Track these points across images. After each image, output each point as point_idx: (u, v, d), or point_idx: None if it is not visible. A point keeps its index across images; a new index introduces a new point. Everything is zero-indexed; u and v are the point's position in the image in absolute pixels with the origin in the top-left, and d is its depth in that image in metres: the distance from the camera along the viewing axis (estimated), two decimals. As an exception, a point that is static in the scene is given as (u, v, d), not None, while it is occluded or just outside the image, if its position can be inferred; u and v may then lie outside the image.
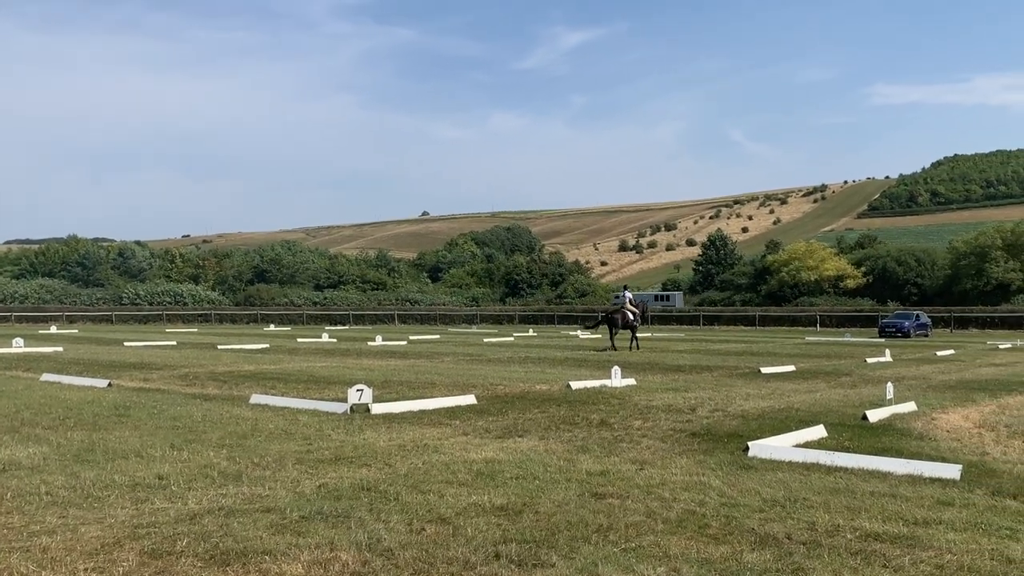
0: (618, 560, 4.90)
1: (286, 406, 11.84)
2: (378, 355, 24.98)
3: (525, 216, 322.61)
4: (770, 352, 27.47)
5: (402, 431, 9.62)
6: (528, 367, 20.05)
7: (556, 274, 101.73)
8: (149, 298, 76.65)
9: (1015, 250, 65.59)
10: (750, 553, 5.04)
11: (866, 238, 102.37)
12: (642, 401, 12.76)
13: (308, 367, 19.82)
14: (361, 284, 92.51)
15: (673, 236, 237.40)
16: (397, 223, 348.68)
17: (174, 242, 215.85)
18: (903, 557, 4.98)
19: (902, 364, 22.04)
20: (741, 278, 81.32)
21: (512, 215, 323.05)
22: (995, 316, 56.38)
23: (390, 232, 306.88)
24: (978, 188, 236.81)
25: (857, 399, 13.33)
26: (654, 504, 6.21)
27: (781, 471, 7.44)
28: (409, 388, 14.66)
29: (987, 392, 14.54)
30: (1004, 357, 25.77)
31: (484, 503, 6.19)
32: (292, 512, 5.88)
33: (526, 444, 8.82)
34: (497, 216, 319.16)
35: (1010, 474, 7.40)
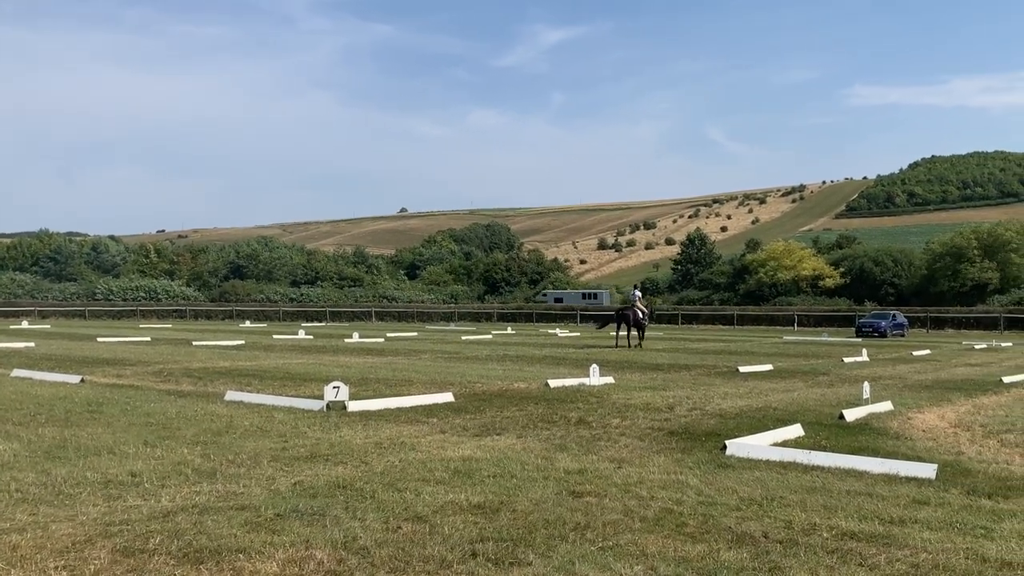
0: (595, 558, 4.88)
1: (261, 403, 11.75)
2: (355, 352, 24.87)
3: (504, 214, 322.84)
4: (748, 351, 27.61)
5: (379, 429, 9.57)
6: (506, 365, 20.03)
7: (535, 272, 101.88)
8: (123, 293, 75.87)
9: (991, 251, 66.28)
10: (727, 551, 5.05)
11: (844, 238, 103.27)
12: (620, 399, 12.77)
13: (284, 364, 19.70)
14: (338, 281, 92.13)
15: (652, 235, 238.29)
16: (375, 220, 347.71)
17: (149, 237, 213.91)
18: (879, 556, 5.00)
19: (879, 364, 22.21)
20: (720, 277, 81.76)
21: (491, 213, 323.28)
22: (971, 317, 56.95)
23: (368, 229, 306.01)
24: (955, 189, 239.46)
25: (834, 398, 13.40)
26: (632, 503, 6.20)
27: (758, 470, 7.46)
28: (386, 386, 14.59)
29: (963, 392, 14.68)
30: (979, 357, 26.04)
31: (461, 501, 6.16)
32: (267, 510, 5.83)
33: (504, 442, 8.80)
34: (476, 213, 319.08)
35: (985, 473, 7.46)
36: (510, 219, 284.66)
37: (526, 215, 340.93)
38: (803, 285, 72.29)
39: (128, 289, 77.06)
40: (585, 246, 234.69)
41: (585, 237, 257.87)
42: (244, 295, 78.68)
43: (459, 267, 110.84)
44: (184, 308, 71.75)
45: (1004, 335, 47.95)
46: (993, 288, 64.11)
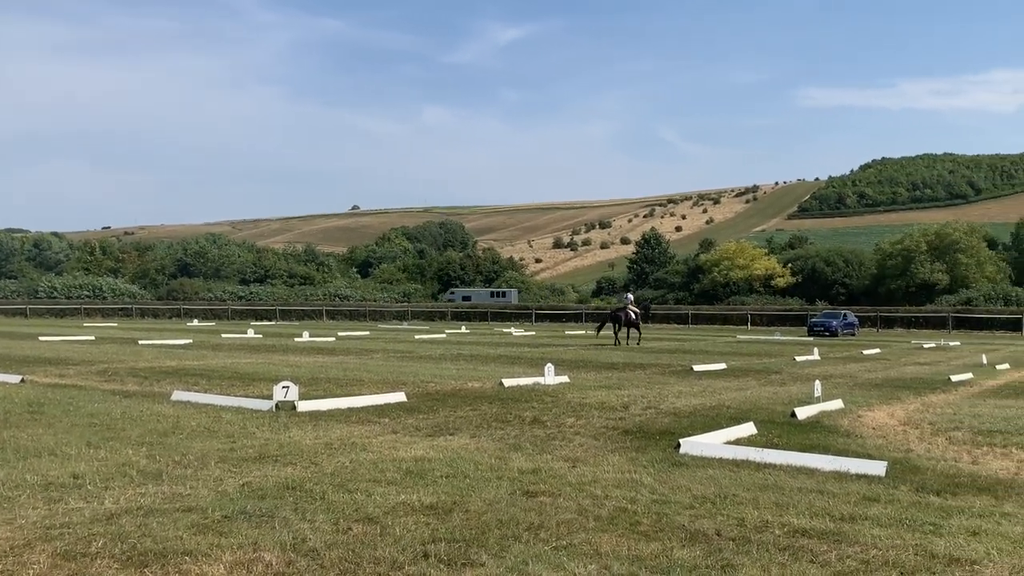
0: (549, 558, 4.85)
1: (209, 403, 11.55)
2: (305, 352, 24.60)
3: (458, 212, 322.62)
4: (702, 350, 27.87)
5: (329, 429, 9.45)
6: (460, 364, 19.95)
7: (490, 271, 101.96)
8: (66, 291, 74.18)
9: (939, 252, 67.78)
10: (680, 550, 5.04)
11: (796, 239, 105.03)
12: (575, 399, 12.77)
13: (232, 363, 19.40)
14: (288, 279, 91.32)
15: (608, 234, 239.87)
16: (326, 217, 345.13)
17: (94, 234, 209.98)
18: (830, 552, 5.03)
19: (830, 362, 22.55)
20: (675, 277, 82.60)
21: (445, 210, 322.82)
22: (920, 316, 58.15)
23: (319, 226, 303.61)
24: (904, 191, 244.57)
25: (786, 397, 13.55)
26: (586, 502, 6.18)
27: (712, 468, 7.49)
28: (337, 385, 14.43)
29: (911, 390, 14.95)
30: (928, 356, 26.59)
31: (413, 502, 6.09)
32: (214, 512, 5.72)
33: (457, 442, 8.73)
34: (430, 211, 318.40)
35: (933, 470, 7.57)
36: (464, 217, 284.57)
37: (481, 213, 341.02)
38: (756, 285, 73.34)
39: (72, 287, 75.39)
40: (540, 245, 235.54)
41: (540, 236, 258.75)
42: (192, 293, 77.50)
43: (412, 265, 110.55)
44: (130, 306, 70.38)
45: (952, 334, 49.07)
46: (942, 288, 65.58)
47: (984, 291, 62.70)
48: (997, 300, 59.94)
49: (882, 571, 4.73)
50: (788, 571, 4.70)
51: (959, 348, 32.31)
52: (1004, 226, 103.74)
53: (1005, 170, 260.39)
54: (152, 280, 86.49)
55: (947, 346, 33.80)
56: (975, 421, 10.76)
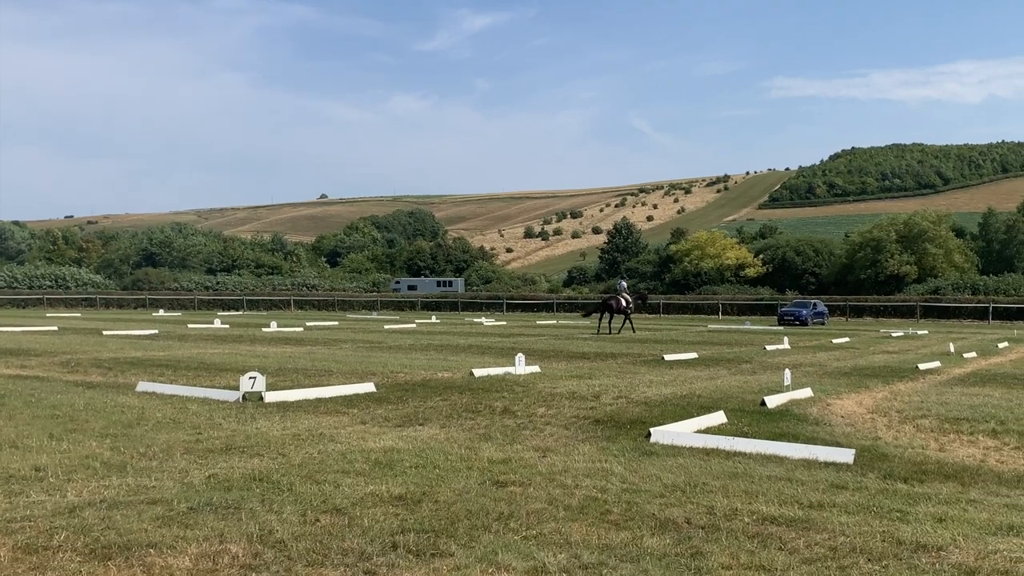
0: (518, 547, 4.83)
1: (175, 394, 11.42)
2: (273, 342, 24.40)
3: (428, 201, 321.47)
4: (674, 340, 27.97)
5: (297, 420, 9.37)
6: (430, 354, 19.87)
7: (461, 260, 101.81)
8: (28, 281, 72.93)
9: (908, 242, 68.52)
10: (650, 538, 5.05)
11: (766, 228, 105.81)
12: (546, 388, 12.76)
13: (199, 354, 19.19)
14: (256, 268, 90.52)
15: (579, 224, 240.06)
16: (294, 206, 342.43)
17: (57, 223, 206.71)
18: (798, 540, 5.06)
19: (799, 351, 22.71)
20: (646, 266, 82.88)
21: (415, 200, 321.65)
22: (888, 305, 58.74)
23: (287, 215, 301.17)
24: (874, 181, 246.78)
25: (756, 385, 13.63)
26: (556, 491, 6.17)
27: (682, 456, 7.52)
28: (305, 376, 14.33)
29: (880, 379, 15.09)
30: (896, 345, 26.84)
31: (382, 493, 6.05)
32: (179, 504, 5.65)
33: (426, 432, 8.69)
34: (399, 200, 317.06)
35: (901, 458, 7.65)
36: (434, 206, 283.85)
37: (451, 202, 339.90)
38: (727, 274, 73.73)
39: (34, 277, 74.14)
40: (511, 234, 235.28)
41: (511, 225, 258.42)
42: (158, 283, 76.60)
43: (382, 255, 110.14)
44: (94, 296, 69.43)
45: (920, 323, 49.66)
46: (910, 278, 66.30)
47: (952, 280, 63.45)
48: (965, 289, 60.68)
49: (850, 558, 4.75)
50: (757, 558, 4.71)
51: (927, 337, 32.65)
52: (972, 215, 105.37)
53: (973, 160, 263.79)
54: (116, 270, 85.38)
55: (915, 335, 34.13)
56: (942, 409, 10.89)
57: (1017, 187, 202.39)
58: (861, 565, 4.64)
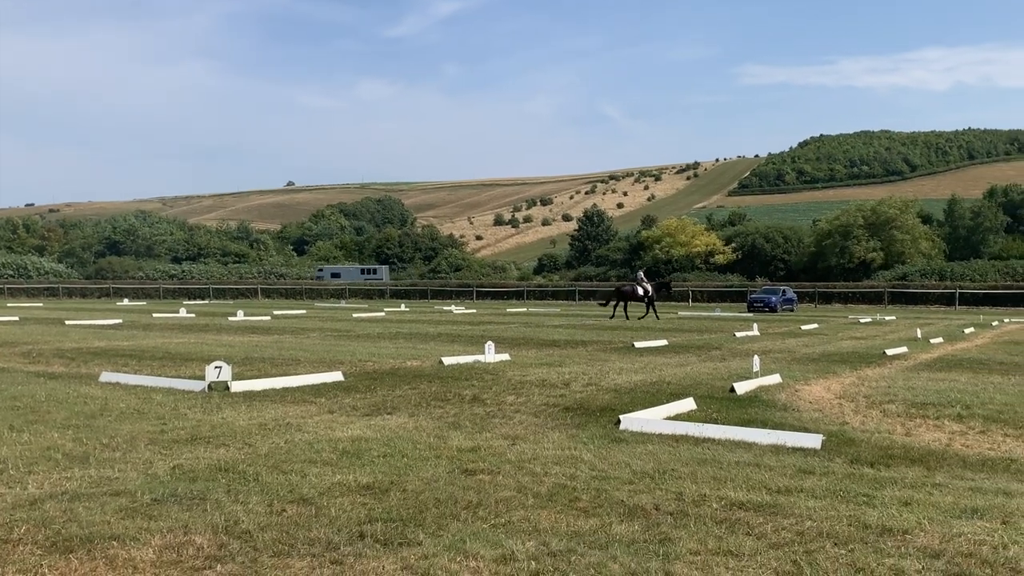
0: (487, 536, 4.81)
1: (139, 384, 11.27)
2: (239, 331, 24.17)
3: (397, 188, 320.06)
4: (644, 326, 28.03)
5: (263, 409, 9.27)
6: (399, 343, 19.79)
7: (429, 248, 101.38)
8: (-11, 271, 71.85)
9: (875, 229, 69.28)
10: (619, 525, 5.05)
11: (736, 215, 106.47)
12: (516, 376, 12.74)
13: (164, 343, 18.97)
14: (222, 257, 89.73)
15: (549, 211, 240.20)
16: (261, 193, 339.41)
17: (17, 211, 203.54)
18: (766, 525, 5.08)
19: (769, 338, 22.88)
20: (616, 253, 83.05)
21: (383, 187, 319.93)
22: (857, 291, 59.49)
23: (253, 203, 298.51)
24: (842, 168, 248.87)
25: (726, 372, 13.70)
26: (525, 479, 6.15)
27: (651, 443, 7.53)
28: (272, 365, 14.20)
29: (848, 364, 15.24)
30: (864, 331, 27.13)
31: (349, 482, 6.00)
32: (143, 495, 5.57)
33: (395, 421, 8.64)
34: (367, 187, 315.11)
35: (868, 443, 7.72)
36: (403, 194, 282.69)
37: (420, 190, 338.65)
38: (697, 261, 74.18)
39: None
40: (481, 222, 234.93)
41: (481, 213, 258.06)
42: (122, 272, 75.73)
43: (350, 243, 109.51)
44: (56, 286, 68.46)
45: (888, 309, 50.34)
46: (878, 264, 67.07)
47: (919, 267, 64.34)
48: (932, 275, 61.53)
49: (816, 542, 4.78)
50: (724, 544, 4.73)
51: (894, 322, 33.05)
52: (938, 202, 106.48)
53: (940, 147, 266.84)
54: (79, 259, 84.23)
55: (883, 321, 34.55)
56: (909, 394, 11.01)
57: (983, 174, 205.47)
58: (828, 549, 4.66)
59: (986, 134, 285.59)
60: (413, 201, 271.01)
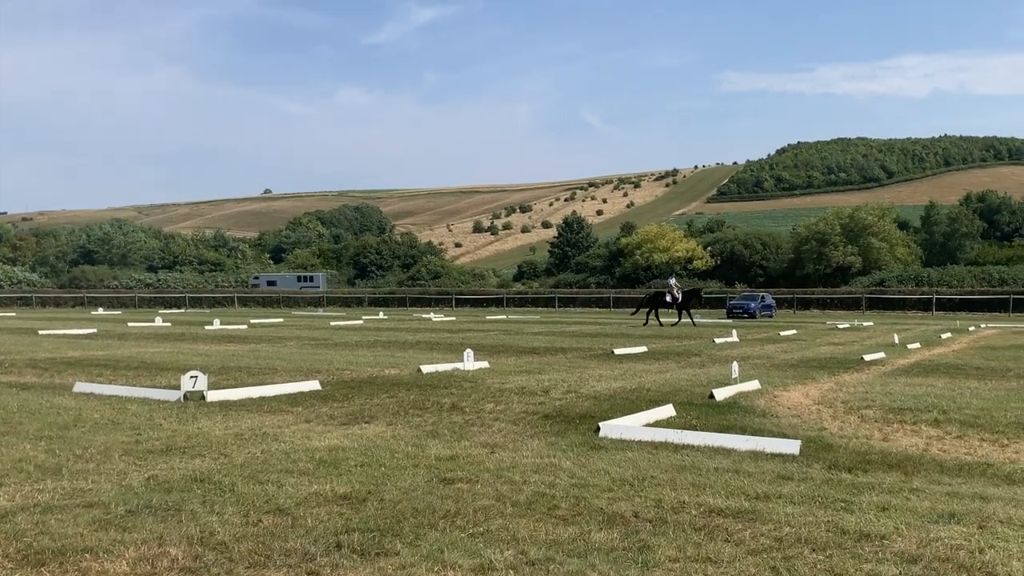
0: (465, 545, 4.78)
1: (114, 394, 11.14)
2: (215, 340, 23.99)
3: (375, 195, 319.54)
4: (624, 333, 28.08)
5: (240, 419, 9.19)
6: (377, 351, 19.70)
7: (408, 255, 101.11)
8: (-40, 280, 70.99)
9: (853, 235, 69.89)
10: (598, 532, 5.04)
11: (715, 222, 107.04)
12: (495, 384, 12.70)
13: (139, 353, 18.79)
14: (198, 265, 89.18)
15: (529, 218, 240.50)
16: (237, 201, 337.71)
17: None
18: (744, 531, 5.08)
19: (748, 344, 22.96)
20: (596, 260, 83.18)
21: (361, 194, 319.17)
22: (835, 297, 59.93)
23: (230, 211, 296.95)
24: (820, 175, 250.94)
25: (705, 378, 13.71)
26: (504, 487, 6.12)
27: (631, 450, 7.52)
28: (248, 374, 14.09)
29: (826, 370, 15.31)
30: (842, 336, 27.27)
31: (326, 492, 5.95)
32: (117, 506, 5.50)
33: (373, 430, 8.58)
34: (345, 195, 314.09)
35: (846, 448, 7.73)
36: (381, 201, 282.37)
37: (398, 197, 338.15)
38: (677, 268, 74.39)
39: (-35, 276, 72.16)
40: (460, 229, 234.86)
41: (460, 220, 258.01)
42: (96, 281, 75.10)
43: (328, 250, 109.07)
44: (30, 295, 67.72)
45: (866, 315, 50.67)
46: (856, 270, 67.63)
47: (896, 272, 64.94)
48: (909, 281, 62.10)
49: (795, 548, 4.78)
50: (703, 550, 4.72)
51: (872, 328, 33.25)
52: (915, 209, 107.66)
53: (916, 154, 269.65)
54: (53, 268, 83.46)
55: (861, 326, 34.75)
56: (886, 399, 11.07)
57: (959, 180, 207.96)
58: (806, 555, 4.67)
59: (962, 141, 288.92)
60: (392, 208, 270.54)
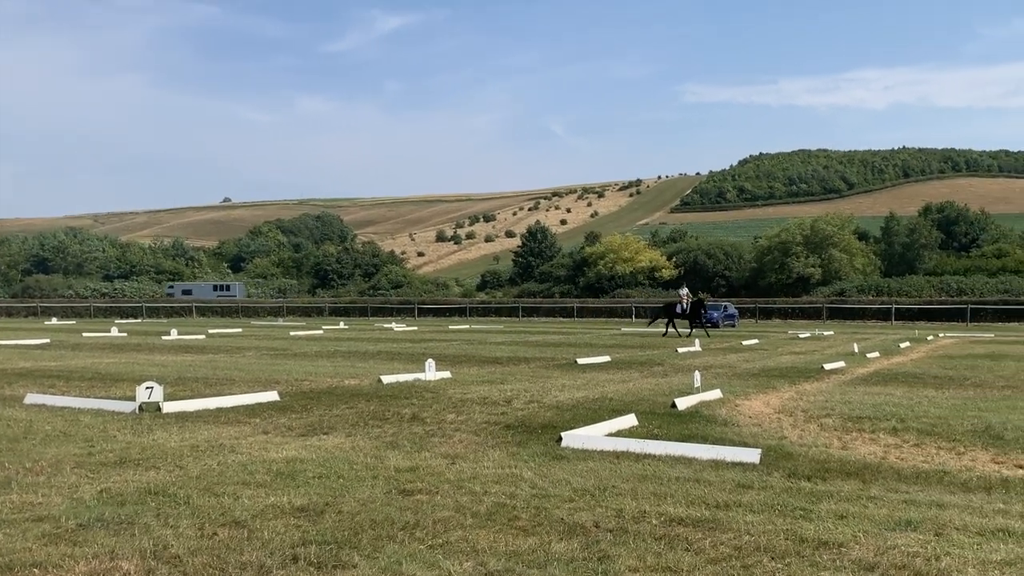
0: (424, 557, 4.74)
1: (67, 406, 10.93)
2: (173, 350, 23.64)
3: (337, 204, 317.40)
4: (587, 343, 28.10)
5: (196, 430, 9.05)
6: (337, 361, 19.54)
7: (370, 264, 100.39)
8: (-92, 289, 69.29)
9: (814, 246, 70.69)
10: (558, 543, 5.01)
11: (678, 232, 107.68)
12: (456, 394, 12.63)
13: (94, 363, 18.46)
14: (156, 275, 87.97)
15: (492, 227, 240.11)
16: (197, 210, 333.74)
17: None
18: (704, 540, 5.09)
19: (710, 353, 23.05)
20: (560, 270, 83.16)
21: (323, 203, 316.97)
22: (796, 307, 60.47)
23: (189, 219, 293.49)
24: (781, 186, 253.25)
25: (667, 388, 13.74)
26: (464, 498, 6.08)
27: (592, 460, 7.51)
28: (205, 385, 13.89)
29: (787, 379, 15.41)
30: (803, 346, 27.48)
31: (283, 504, 5.87)
32: (68, 520, 5.40)
33: (331, 441, 8.49)
34: (306, 204, 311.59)
35: (805, 456, 7.79)
36: (343, 210, 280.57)
37: (360, 206, 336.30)
38: (640, 277, 74.64)
39: (-86, 285, 70.48)
40: (423, 238, 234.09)
41: (423, 229, 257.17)
42: (50, 290, 73.71)
43: (288, 259, 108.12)
44: (-19, 305, 66.24)
45: (826, 324, 51.22)
46: (817, 280, 68.41)
47: (856, 283, 65.78)
48: (869, 291, 62.87)
49: (754, 556, 4.81)
50: (663, 560, 4.72)
51: (833, 337, 33.52)
52: (875, 219, 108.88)
53: (876, 165, 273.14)
54: (5, 276, 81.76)
55: (821, 336, 35.02)
56: (845, 408, 11.18)
57: (918, 191, 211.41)
58: (765, 563, 4.69)
59: (921, 153, 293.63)
60: (353, 217, 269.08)
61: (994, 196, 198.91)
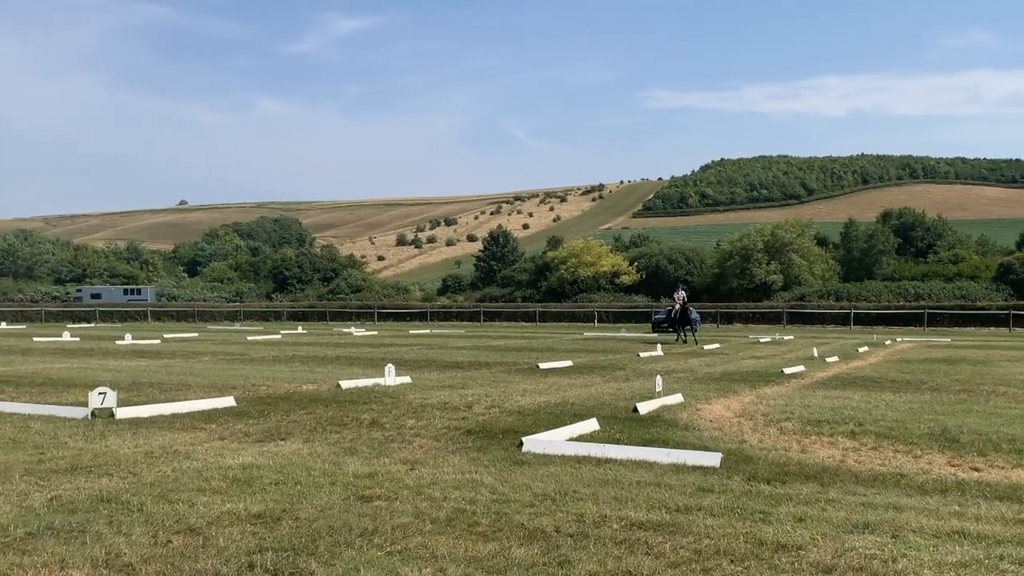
0: (382, 564, 4.69)
1: (15, 412, 10.69)
2: (127, 355, 23.23)
3: (295, 207, 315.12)
4: (549, 348, 28.07)
5: (150, 437, 8.88)
6: (295, 366, 19.33)
7: (329, 268, 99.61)
8: None
9: (774, 251, 71.46)
10: (518, 548, 4.99)
11: (640, 237, 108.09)
12: (417, 399, 12.54)
13: (44, 369, 18.07)
14: (110, 278, 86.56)
15: (453, 231, 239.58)
16: (152, 212, 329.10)
17: None
18: (665, 544, 5.10)
19: (672, 358, 23.10)
20: (522, 274, 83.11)
21: (281, 206, 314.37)
22: (757, 312, 61.05)
23: (144, 222, 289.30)
24: (742, 191, 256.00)
25: (629, 392, 13.75)
26: (423, 504, 6.03)
27: (553, 465, 7.48)
28: (160, 390, 13.65)
29: (747, 383, 15.49)
30: (764, 350, 27.68)
31: (239, 511, 5.77)
32: (16, 529, 5.28)
33: (289, 447, 8.38)
34: (264, 207, 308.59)
35: (765, 460, 7.83)
36: (302, 213, 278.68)
37: (319, 209, 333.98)
38: (603, 282, 74.81)
39: None
40: (383, 242, 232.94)
41: (383, 233, 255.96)
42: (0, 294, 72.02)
43: (245, 263, 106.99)
44: (-74, 309, 64.59)
45: (787, 328, 51.77)
46: (777, 285, 69.14)
47: (816, 288, 66.64)
48: (829, 296, 63.69)
49: (714, 559, 4.82)
50: (624, 564, 4.72)
51: (793, 342, 33.79)
52: (834, 225, 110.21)
53: (835, 172, 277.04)
54: (-49, 280, 79.85)
55: (782, 340, 35.29)
56: (805, 411, 11.27)
57: (876, 198, 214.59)
58: (724, 567, 4.70)
59: (879, 159, 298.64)
60: (312, 221, 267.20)
61: (951, 203, 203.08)
